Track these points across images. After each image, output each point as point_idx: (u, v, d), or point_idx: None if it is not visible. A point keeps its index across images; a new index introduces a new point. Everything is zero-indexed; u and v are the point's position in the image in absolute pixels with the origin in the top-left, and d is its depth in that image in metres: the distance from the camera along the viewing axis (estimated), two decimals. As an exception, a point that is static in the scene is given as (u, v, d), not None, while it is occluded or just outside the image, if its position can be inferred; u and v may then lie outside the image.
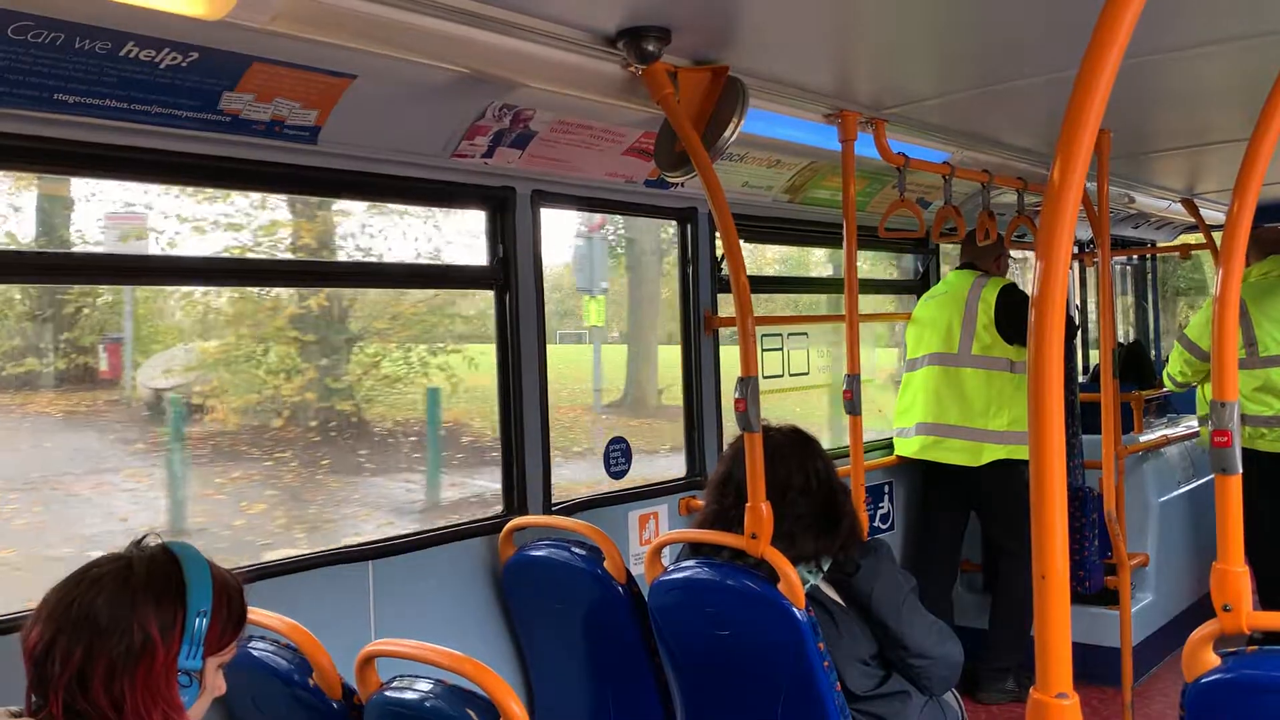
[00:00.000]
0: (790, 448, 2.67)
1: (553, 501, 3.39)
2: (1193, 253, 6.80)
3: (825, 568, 2.59)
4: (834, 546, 2.57)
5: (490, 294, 3.31)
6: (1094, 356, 6.71)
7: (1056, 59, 2.91)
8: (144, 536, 1.68)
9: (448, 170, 3.01)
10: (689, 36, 2.60)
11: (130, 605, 1.56)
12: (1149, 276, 7.88)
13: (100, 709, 1.51)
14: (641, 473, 3.85)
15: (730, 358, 3.21)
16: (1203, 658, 1.69)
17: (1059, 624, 1.25)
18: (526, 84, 2.69)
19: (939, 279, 5.27)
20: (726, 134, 2.80)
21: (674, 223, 3.97)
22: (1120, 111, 3.70)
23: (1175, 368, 5.09)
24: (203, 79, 2.26)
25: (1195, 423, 5.44)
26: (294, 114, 2.49)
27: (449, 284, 4.44)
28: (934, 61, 3.15)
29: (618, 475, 3.72)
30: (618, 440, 3.75)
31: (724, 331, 4.09)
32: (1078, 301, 6.99)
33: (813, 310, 7.13)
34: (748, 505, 2.53)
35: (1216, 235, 5.69)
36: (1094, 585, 4.45)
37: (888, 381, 6.89)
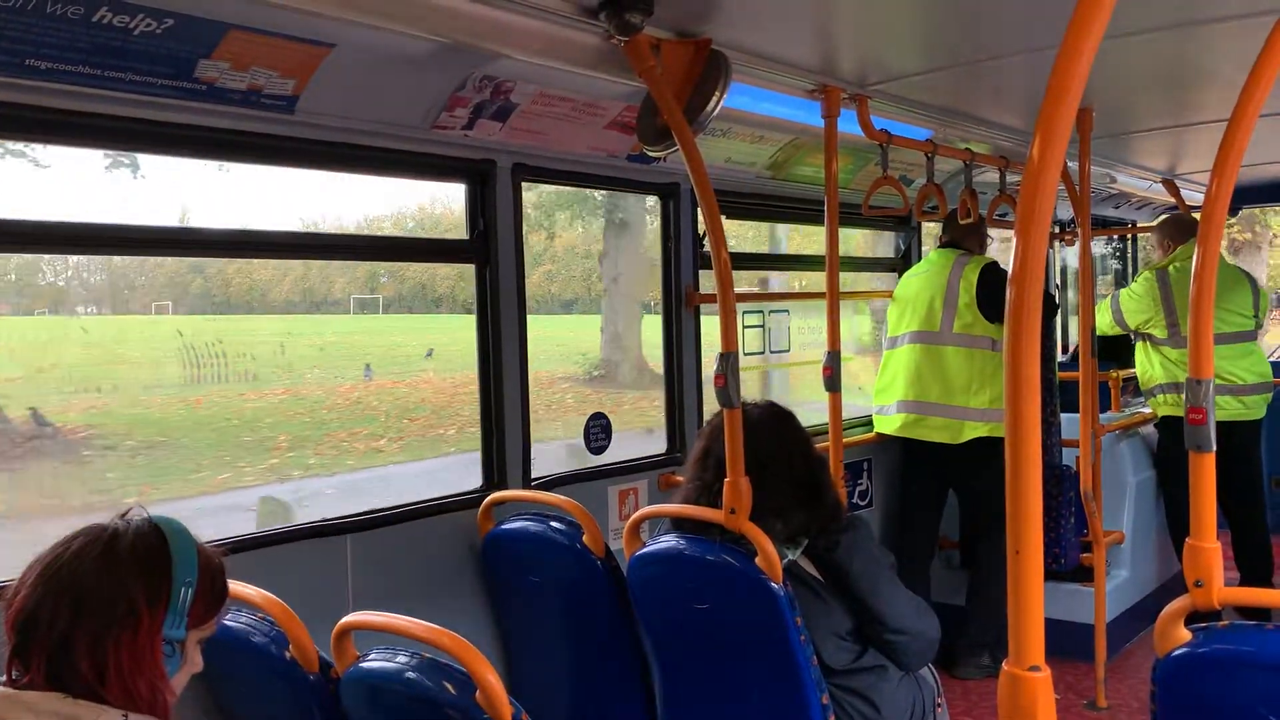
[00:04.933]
0: (767, 423, 2.67)
1: (532, 476, 3.39)
2: None
3: (805, 542, 2.59)
4: (818, 521, 2.58)
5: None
6: (1073, 335, 6.74)
7: (1040, 35, 2.91)
8: (129, 510, 1.67)
9: (428, 142, 2.98)
10: (671, 8, 2.58)
11: (117, 573, 1.55)
12: (1129, 256, 7.92)
13: (83, 676, 1.50)
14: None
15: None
16: (1174, 633, 1.71)
17: (1032, 598, 1.26)
18: (507, 54, 2.65)
19: (920, 257, 5.28)
20: (709, 108, 2.78)
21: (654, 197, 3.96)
22: (1103, 90, 3.70)
23: (1102, 321, 5.12)
24: (178, 46, 2.23)
25: None
26: (271, 83, 2.45)
27: (427, 257, 4.41)
28: (918, 36, 3.14)
29: (597, 451, 3.72)
30: (598, 416, 3.75)
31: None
32: (1058, 280, 7.02)
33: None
34: (727, 480, 2.53)
35: (1196, 216, 5.71)
36: (1070, 562, 4.49)
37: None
